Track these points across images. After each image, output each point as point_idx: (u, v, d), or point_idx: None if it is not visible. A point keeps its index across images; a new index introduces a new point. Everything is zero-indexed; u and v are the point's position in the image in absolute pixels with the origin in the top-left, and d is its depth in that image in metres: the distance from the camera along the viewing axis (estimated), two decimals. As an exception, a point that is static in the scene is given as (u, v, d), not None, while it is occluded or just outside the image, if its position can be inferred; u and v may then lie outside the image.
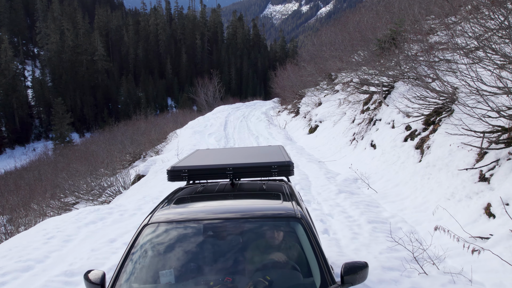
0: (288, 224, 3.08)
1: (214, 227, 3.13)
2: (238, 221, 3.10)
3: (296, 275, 2.83)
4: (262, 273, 2.75)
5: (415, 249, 5.34)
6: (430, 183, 7.44)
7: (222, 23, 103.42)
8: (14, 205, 14.92)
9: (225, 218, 3.15)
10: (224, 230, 3.10)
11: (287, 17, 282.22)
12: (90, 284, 2.70)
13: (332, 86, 21.13)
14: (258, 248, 3.00)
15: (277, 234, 3.06)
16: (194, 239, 3.09)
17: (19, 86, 61.56)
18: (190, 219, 3.19)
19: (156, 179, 11.99)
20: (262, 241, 3.05)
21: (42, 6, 79.41)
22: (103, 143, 24.03)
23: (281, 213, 3.17)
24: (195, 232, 3.12)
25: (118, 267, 2.81)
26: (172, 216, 3.21)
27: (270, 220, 3.15)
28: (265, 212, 3.32)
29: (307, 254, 2.86)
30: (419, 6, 12.25)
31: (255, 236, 3.11)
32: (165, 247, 3.03)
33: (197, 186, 4.12)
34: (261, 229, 3.13)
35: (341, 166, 11.54)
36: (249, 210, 3.35)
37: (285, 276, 2.82)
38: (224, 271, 2.82)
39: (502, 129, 6.04)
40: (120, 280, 2.72)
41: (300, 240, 2.95)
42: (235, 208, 3.40)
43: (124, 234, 6.62)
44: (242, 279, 2.75)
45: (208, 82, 45.50)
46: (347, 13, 28.99)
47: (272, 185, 4.01)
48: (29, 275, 5.04)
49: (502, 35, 6.16)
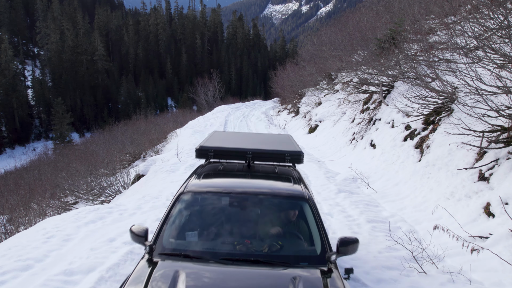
0: (298, 203, 3.77)
1: (237, 199, 3.79)
2: (257, 196, 3.80)
3: (302, 243, 3.55)
4: (275, 239, 3.42)
5: (415, 248, 5.35)
6: (430, 182, 7.44)
7: (222, 23, 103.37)
8: (14, 204, 14.92)
9: (247, 193, 3.84)
10: (245, 202, 3.78)
11: (287, 17, 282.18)
12: (134, 236, 3.41)
13: (332, 86, 21.13)
14: (272, 219, 3.68)
15: (289, 210, 3.74)
16: (220, 207, 3.82)
17: (19, 86, 61.52)
18: (218, 191, 3.92)
19: (156, 179, 11.97)
20: (276, 214, 3.75)
21: (42, 6, 79.40)
22: (103, 143, 24.04)
23: (293, 194, 3.85)
24: (221, 202, 3.82)
25: (159, 225, 3.51)
26: (203, 187, 3.90)
27: (284, 198, 3.84)
28: (280, 191, 4.00)
29: (311, 228, 3.54)
30: (419, 6, 12.25)
31: (270, 210, 3.79)
32: (196, 211, 3.76)
33: (218, 165, 4.73)
34: (275, 205, 3.82)
35: (340, 166, 11.54)
36: (266, 188, 4.09)
37: (293, 243, 3.54)
38: (245, 235, 3.50)
39: (502, 129, 6.04)
40: (161, 236, 3.40)
41: (306, 216, 3.64)
42: (255, 185, 4.15)
43: (124, 233, 6.61)
44: (259, 242, 3.43)
45: (208, 82, 45.49)
46: (347, 13, 28.99)
47: (283, 170, 4.64)
48: (28, 274, 5.04)
49: (502, 34, 6.16)
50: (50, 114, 58.79)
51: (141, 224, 4.29)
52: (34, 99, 64.92)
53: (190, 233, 3.50)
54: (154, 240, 3.38)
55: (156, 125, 28.53)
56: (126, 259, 5.50)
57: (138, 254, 5.73)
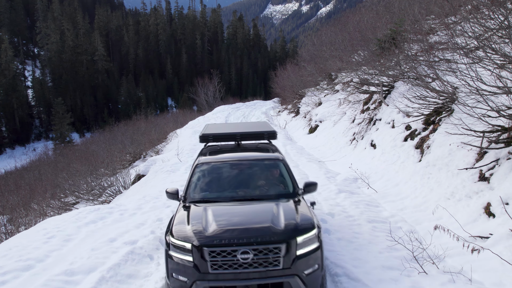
0: (276, 163, 5.68)
1: (236, 165, 5.67)
2: (249, 162, 5.72)
3: (280, 187, 5.39)
4: (263, 186, 5.33)
5: (415, 249, 5.35)
6: (430, 182, 7.45)
7: (222, 23, 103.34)
8: (15, 205, 14.93)
9: (241, 160, 5.80)
10: (241, 166, 5.63)
11: (287, 17, 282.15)
12: (170, 194, 5.19)
13: (332, 86, 21.13)
14: (260, 175, 5.53)
15: (270, 168, 5.65)
16: (224, 171, 5.59)
17: (19, 86, 61.51)
18: (221, 161, 5.79)
19: (156, 179, 11.98)
20: (262, 172, 5.60)
21: (42, 6, 79.39)
22: (103, 143, 24.03)
23: (271, 157, 5.81)
24: (224, 167, 5.64)
25: (185, 186, 5.36)
26: (209, 160, 5.76)
27: (266, 161, 5.77)
28: (263, 157, 5.91)
29: (285, 177, 5.45)
30: (419, 6, 12.26)
31: (258, 169, 5.62)
32: (208, 174, 5.53)
33: (216, 146, 6.66)
34: (261, 166, 5.68)
35: (341, 166, 11.54)
36: (253, 156, 5.94)
37: (274, 187, 5.38)
38: (243, 187, 5.34)
39: (502, 129, 6.05)
40: (187, 193, 5.24)
41: (281, 171, 5.55)
42: (246, 156, 5.98)
43: (124, 233, 6.62)
44: (252, 190, 5.30)
45: (208, 82, 45.49)
46: (347, 13, 28.98)
47: (263, 144, 6.67)
48: (29, 274, 5.05)
49: (502, 34, 6.16)
50: (50, 114, 58.80)
51: (173, 187, 5.52)
52: (34, 99, 64.91)
53: (206, 188, 5.39)
54: (184, 195, 5.24)
55: (156, 125, 28.53)
56: (127, 259, 5.51)
57: (138, 254, 5.75)
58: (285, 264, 4.05)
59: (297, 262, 4.08)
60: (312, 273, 4.15)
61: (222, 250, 4.02)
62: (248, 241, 4.03)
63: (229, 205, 4.92)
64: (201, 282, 4.01)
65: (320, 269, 4.24)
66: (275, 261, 4.04)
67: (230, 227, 4.27)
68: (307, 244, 4.18)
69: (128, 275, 5.18)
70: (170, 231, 4.43)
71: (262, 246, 4.02)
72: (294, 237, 4.13)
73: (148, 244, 6.09)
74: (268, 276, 4.03)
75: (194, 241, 4.11)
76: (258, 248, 4.02)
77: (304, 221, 4.42)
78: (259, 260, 4.03)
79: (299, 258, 4.10)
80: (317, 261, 4.23)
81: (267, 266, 4.04)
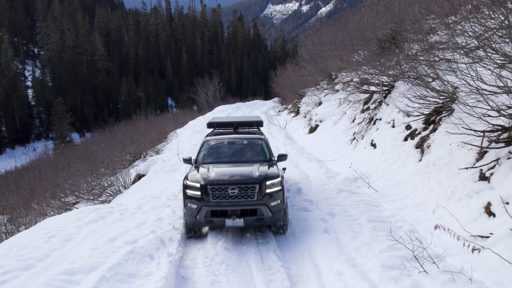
0: (258, 141, 8.06)
1: (231, 142, 8.13)
2: (241, 140, 8.16)
3: (260, 157, 7.68)
4: (249, 155, 7.73)
5: (415, 248, 5.36)
6: (430, 182, 7.45)
7: (222, 23, 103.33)
8: (15, 204, 14.93)
9: (235, 139, 8.23)
10: (235, 143, 8.10)
11: (287, 17, 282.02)
12: (185, 160, 7.60)
13: (332, 86, 21.13)
14: (247, 149, 7.90)
15: (254, 144, 8.00)
16: (223, 145, 8.06)
17: (19, 86, 61.49)
18: (222, 139, 8.18)
19: (156, 179, 11.98)
20: (249, 147, 7.96)
21: (42, 6, 79.38)
22: (104, 143, 24.03)
23: (256, 138, 8.17)
24: (224, 144, 8.09)
25: (196, 155, 7.75)
26: (213, 138, 8.19)
27: (252, 140, 8.12)
28: (250, 137, 8.21)
29: (265, 151, 7.83)
30: (419, 6, 12.26)
31: (247, 145, 8.00)
32: (212, 148, 7.94)
33: (219, 131, 8.95)
34: (249, 143, 8.05)
35: (341, 166, 11.54)
36: (244, 137, 8.27)
37: (257, 156, 7.69)
38: (235, 156, 7.75)
39: (502, 128, 6.05)
40: (197, 159, 7.64)
41: (262, 147, 7.93)
42: (239, 136, 8.36)
43: (125, 233, 6.62)
44: (241, 157, 7.70)
45: (208, 82, 45.47)
46: (347, 13, 28.98)
47: (253, 130, 9.09)
48: (30, 274, 5.04)
49: (502, 34, 6.17)
50: (50, 114, 58.79)
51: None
52: (35, 99, 64.90)
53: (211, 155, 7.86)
54: (196, 160, 7.67)
55: (157, 125, 28.54)
56: (128, 259, 5.51)
57: (139, 253, 5.75)
58: (258, 198, 6.32)
59: (266, 197, 6.34)
60: (276, 205, 6.38)
61: (219, 186, 6.28)
62: (235, 181, 6.32)
63: (225, 165, 7.25)
64: (205, 207, 6.27)
65: (282, 203, 6.47)
66: (252, 195, 6.31)
67: (224, 174, 6.55)
68: (273, 187, 6.43)
69: (129, 274, 5.18)
70: (186, 177, 6.72)
71: (243, 185, 6.30)
72: (264, 181, 6.39)
73: (148, 243, 6.09)
74: (247, 204, 6.30)
75: (201, 182, 6.37)
76: (241, 186, 6.29)
77: (272, 173, 6.65)
78: (242, 194, 6.30)
79: (267, 195, 6.36)
80: (280, 197, 6.45)
81: (247, 198, 6.31)
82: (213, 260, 5.72)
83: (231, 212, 6.24)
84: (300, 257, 5.90)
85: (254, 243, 6.48)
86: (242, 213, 6.26)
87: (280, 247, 6.32)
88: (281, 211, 6.41)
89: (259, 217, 6.25)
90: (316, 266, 5.48)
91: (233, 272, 5.43)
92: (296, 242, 6.42)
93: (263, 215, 6.23)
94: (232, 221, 6.19)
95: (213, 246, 6.15)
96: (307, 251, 5.97)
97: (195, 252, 6.22)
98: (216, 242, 6.25)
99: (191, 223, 6.44)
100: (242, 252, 6.11)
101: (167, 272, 5.16)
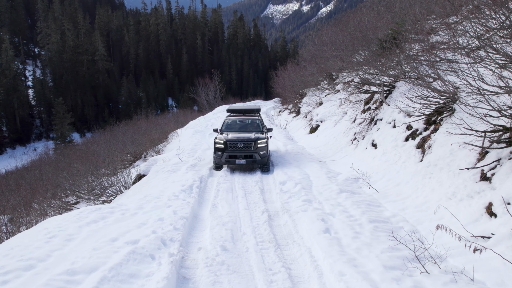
0: (257, 120, 13.80)
1: (241, 120, 13.89)
2: (247, 119, 13.86)
3: (258, 128, 13.41)
4: (252, 128, 13.45)
5: (417, 248, 5.35)
6: (432, 182, 7.44)
7: (223, 23, 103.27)
8: (15, 204, 14.93)
9: (243, 119, 13.97)
10: (243, 121, 13.83)
11: (288, 17, 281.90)
12: (214, 130, 13.61)
13: (333, 86, 21.12)
14: (250, 124, 13.63)
15: (254, 122, 13.71)
16: (237, 121, 13.82)
17: (20, 86, 61.46)
18: (236, 118, 14.00)
19: (157, 179, 11.97)
20: (251, 123, 13.67)
21: (43, 6, 79.40)
22: (104, 143, 24.02)
23: (255, 118, 13.89)
24: (236, 122, 13.80)
25: (220, 126, 13.94)
26: (231, 118, 14.06)
27: (253, 119, 13.82)
28: (252, 118, 13.91)
29: (260, 126, 13.51)
30: (420, 6, 12.25)
31: (249, 122, 13.71)
32: (229, 123, 13.66)
33: (233, 114, 14.44)
34: (251, 121, 13.74)
35: (342, 166, 11.53)
36: (249, 117, 13.99)
37: (255, 128, 13.41)
38: (243, 128, 13.51)
39: (504, 129, 6.04)
40: (221, 129, 13.47)
41: (258, 123, 13.64)
42: (246, 117, 14.06)
43: (126, 233, 6.62)
44: (246, 128, 13.48)
45: (209, 82, 45.48)
46: (348, 13, 28.97)
47: (255, 114, 14.49)
48: (31, 274, 5.04)
49: (504, 34, 6.16)
50: (51, 114, 58.78)
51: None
52: (35, 99, 64.88)
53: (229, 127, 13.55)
54: (220, 129, 13.35)
55: (157, 125, 28.54)
56: (129, 259, 5.51)
57: (140, 253, 5.75)
58: (253, 149, 11.84)
59: (258, 149, 11.85)
60: (263, 153, 11.85)
61: (233, 142, 11.89)
62: (241, 140, 11.92)
63: (236, 132, 12.74)
64: (226, 153, 11.88)
65: (266, 152, 11.92)
66: (250, 147, 11.83)
67: (236, 137, 12.12)
68: (261, 144, 11.90)
69: (130, 274, 5.18)
70: (216, 138, 12.26)
71: (246, 142, 11.85)
72: (256, 140, 11.90)
73: (149, 243, 6.09)
74: (248, 152, 11.82)
75: (223, 140, 11.98)
76: (244, 143, 11.84)
77: (261, 137, 12.10)
78: (245, 147, 11.85)
79: (258, 147, 11.85)
80: (265, 150, 11.91)
81: (247, 149, 11.84)
82: (214, 261, 5.71)
83: (239, 156, 11.81)
84: (301, 257, 5.90)
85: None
86: (245, 157, 11.79)
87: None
88: (266, 157, 11.88)
89: (254, 159, 11.77)
90: (318, 267, 5.48)
91: (234, 273, 5.43)
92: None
93: (256, 158, 11.76)
94: (239, 160, 11.77)
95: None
96: (308, 251, 5.97)
97: (195, 252, 6.22)
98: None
99: (218, 162, 12.10)
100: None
101: (168, 273, 5.15)
